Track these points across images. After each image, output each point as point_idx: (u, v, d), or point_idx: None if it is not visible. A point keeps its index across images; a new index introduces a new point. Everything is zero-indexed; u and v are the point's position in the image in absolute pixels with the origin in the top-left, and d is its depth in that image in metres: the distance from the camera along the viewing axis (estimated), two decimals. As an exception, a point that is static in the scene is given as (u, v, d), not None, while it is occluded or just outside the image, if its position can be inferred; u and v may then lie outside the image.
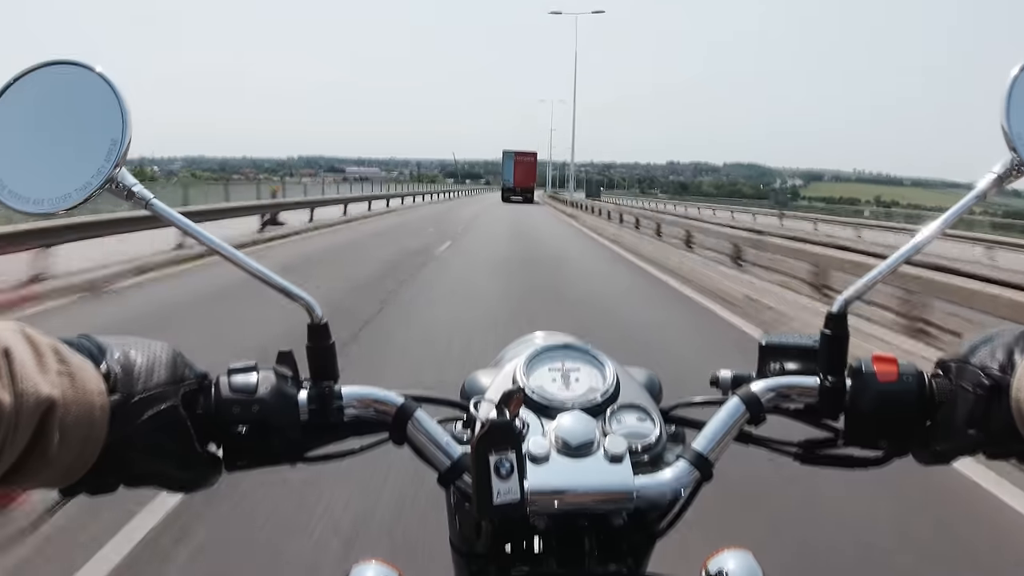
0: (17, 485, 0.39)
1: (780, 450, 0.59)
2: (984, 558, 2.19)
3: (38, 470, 0.38)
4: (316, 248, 11.30)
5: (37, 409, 0.37)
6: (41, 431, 0.37)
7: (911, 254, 0.54)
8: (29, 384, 0.37)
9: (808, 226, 25.54)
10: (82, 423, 0.40)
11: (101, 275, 7.24)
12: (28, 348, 0.38)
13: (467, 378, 0.67)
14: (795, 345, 0.59)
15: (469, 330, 5.16)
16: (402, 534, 2.16)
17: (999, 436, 0.48)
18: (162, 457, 0.45)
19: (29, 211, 0.46)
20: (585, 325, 5.18)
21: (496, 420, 0.47)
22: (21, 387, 0.36)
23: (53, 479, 0.41)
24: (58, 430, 0.38)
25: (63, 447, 0.39)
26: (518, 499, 0.46)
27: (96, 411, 0.41)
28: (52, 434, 0.38)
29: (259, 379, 0.50)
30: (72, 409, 0.39)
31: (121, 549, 2.04)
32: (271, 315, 3.32)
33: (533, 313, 5.98)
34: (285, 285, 0.52)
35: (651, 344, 4.96)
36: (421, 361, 4.34)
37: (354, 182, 45.00)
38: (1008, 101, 0.50)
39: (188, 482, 0.49)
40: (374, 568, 0.61)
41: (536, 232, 17.46)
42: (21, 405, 0.36)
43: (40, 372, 0.38)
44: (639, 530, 0.56)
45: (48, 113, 0.48)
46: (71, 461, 0.40)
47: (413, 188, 32.06)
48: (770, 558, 0.60)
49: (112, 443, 0.42)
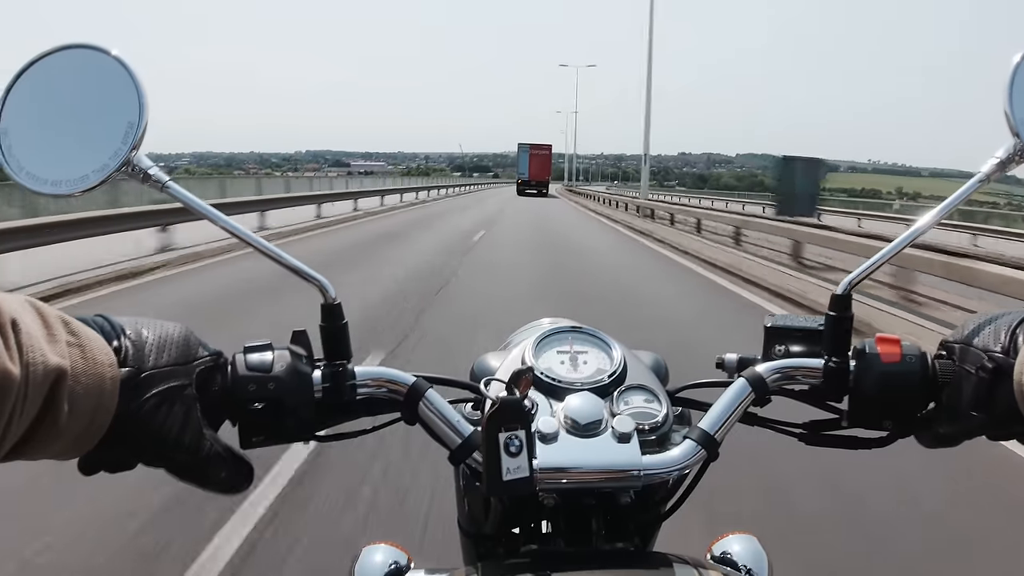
0: (28, 456, 0.40)
1: (785, 431, 0.61)
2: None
3: (48, 441, 0.39)
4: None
5: (46, 379, 0.37)
6: (51, 401, 0.38)
7: (915, 238, 0.56)
8: (38, 354, 0.37)
9: (851, 223, 22.11)
10: (92, 393, 0.40)
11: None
12: (37, 319, 0.39)
13: (476, 361, 0.68)
14: (800, 327, 0.60)
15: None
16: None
17: (1002, 418, 0.49)
18: (172, 435, 0.45)
19: (47, 192, 0.47)
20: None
21: (506, 398, 0.48)
22: (29, 357, 0.36)
23: (63, 450, 0.41)
24: (68, 400, 0.39)
25: (73, 417, 0.39)
26: (527, 476, 0.47)
27: (106, 382, 0.41)
28: (62, 404, 0.38)
29: (275, 357, 0.51)
30: (82, 380, 0.40)
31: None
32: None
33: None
34: (299, 266, 0.54)
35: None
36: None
37: (357, 176, 44.49)
38: (1011, 87, 0.51)
39: (199, 468, 0.48)
40: (383, 550, 0.63)
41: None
42: (29, 375, 0.36)
43: (49, 342, 0.38)
44: (646, 510, 0.57)
45: (65, 96, 0.49)
46: (81, 432, 0.40)
47: (403, 184, 30.19)
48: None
49: (122, 416, 0.43)
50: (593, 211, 25.02)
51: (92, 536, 2.06)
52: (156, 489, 2.23)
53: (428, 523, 2.17)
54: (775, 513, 2.30)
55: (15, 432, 0.37)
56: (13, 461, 0.40)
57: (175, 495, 2.20)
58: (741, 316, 5.81)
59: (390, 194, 24.23)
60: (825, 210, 25.49)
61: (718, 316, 6.07)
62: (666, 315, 5.88)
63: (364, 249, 9.97)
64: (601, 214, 22.91)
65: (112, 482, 0.55)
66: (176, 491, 2.13)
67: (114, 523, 2.12)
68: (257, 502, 2.26)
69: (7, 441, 0.36)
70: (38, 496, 2.21)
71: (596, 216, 21.99)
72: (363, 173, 73.24)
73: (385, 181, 30.38)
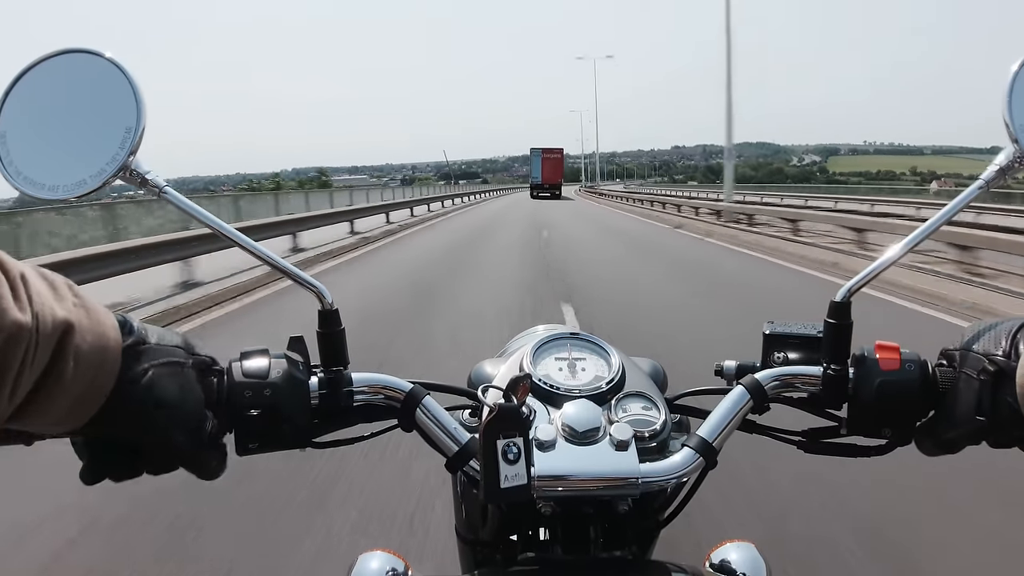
0: (31, 417, 0.39)
1: (784, 439, 0.61)
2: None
3: (53, 398, 0.39)
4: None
5: (55, 330, 0.38)
6: (59, 354, 0.39)
7: (916, 243, 0.56)
8: (47, 307, 0.38)
9: (911, 211, 17.50)
10: (96, 351, 0.41)
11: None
12: (42, 280, 0.40)
13: (474, 368, 0.70)
14: (799, 334, 0.61)
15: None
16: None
17: (1004, 423, 0.50)
18: (173, 407, 0.46)
19: (44, 197, 0.48)
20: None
21: (504, 405, 0.49)
22: (38, 309, 0.37)
23: (65, 415, 0.41)
24: (73, 356, 0.40)
25: (78, 373, 0.40)
26: (525, 483, 0.48)
27: (110, 343, 0.43)
28: (68, 358, 0.39)
29: (271, 364, 0.52)
30: (87, 337, 0.41)
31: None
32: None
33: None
34: (296, 272, 0.55)
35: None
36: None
37: (338, 191, 41.04)
38: (1010, 95, 0.52)
39: (196, 450, 0.49)
40: (380, 557, 0.63)
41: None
42: (39, 324, 0.37)
43: (56, 300, 0.40)
44: (644, 518, 0.58)
45: (63, 101, 0.50)
46: (83, 392, 0.41)
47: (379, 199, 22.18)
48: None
49: (123, 381, 0.44)
50: (639, 216, 21.37)
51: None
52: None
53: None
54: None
55: (26, 383, 0.37)
56: (16, 427, 0.40)
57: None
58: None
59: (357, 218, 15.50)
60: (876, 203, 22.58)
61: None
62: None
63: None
64: (655, 219, 19.13)
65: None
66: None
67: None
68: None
69: (18, 392, 0.37)
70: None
71: (656, 225, 17.45)
72: (344, 187, 70.10)
73: (366, 196, 23.49)
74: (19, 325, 0.35)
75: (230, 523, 2.22)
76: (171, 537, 2.13)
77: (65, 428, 0.43)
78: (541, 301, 6.19)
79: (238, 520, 2.24)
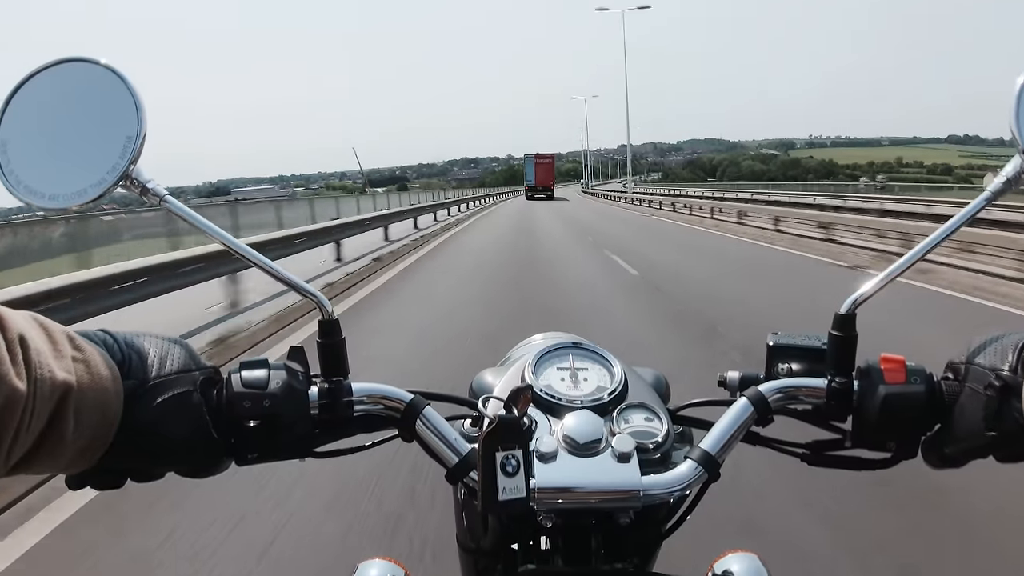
0: (33, 469, 0.42)
1: (787, 451, 0.64)
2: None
3: (54, 455, 0.42)
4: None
5: (53, 394, 0.40)
6: (57, 415, 0.41)
7: (922, 255, 0.58)
8: (45, 370, 0.40)
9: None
10: (97, 407, 0.44)
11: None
12: (43, 335, 0.42)
13: (475, 377, 0.72)
14: (803, 346, 0.63)
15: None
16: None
17: (1010, 438, 0.51)
18: (175, 441, 0.49)
19: (45, 206, 0.49)
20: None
21: (504, 417, 0.50)
22: (37, 373, 0.39)
23: (68, 463, 0.44)
24: (73, 415, 0.42)
25: (78, 432, 0.42)
26: (523, 496, 0.50)
27: (111, 396, 0.45)
28: (68, 419, 0.41)
29: (270, 374, 0.53)
30: (88, 394, 0.43)
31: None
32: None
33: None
34: (297, 282, 0.57)
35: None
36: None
37: (234, 205, 33.52)
38: (1017, 107, 0.53)
39: (200, 467, 0.52)
40: (380, 565, 0.65)
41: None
42: (37, 390, 0.39)
43: (55, 358, 0.41)
44: (646, 529, 0.60)
45: (64, 110, 0.51)
46: (86, 445, 0.44)
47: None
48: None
49: (126, 427, 0.46)
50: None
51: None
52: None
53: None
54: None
55: (22, 446, 0.39)
56: (18, 475, 0.42)
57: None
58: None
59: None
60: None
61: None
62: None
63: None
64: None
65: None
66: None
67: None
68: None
69: (14, 454, 0.39)
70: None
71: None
72: (239, 200, 60.15)
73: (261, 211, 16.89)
74: (16, 391, 0.37)
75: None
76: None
77: (74, 471, 0.46)
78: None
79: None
